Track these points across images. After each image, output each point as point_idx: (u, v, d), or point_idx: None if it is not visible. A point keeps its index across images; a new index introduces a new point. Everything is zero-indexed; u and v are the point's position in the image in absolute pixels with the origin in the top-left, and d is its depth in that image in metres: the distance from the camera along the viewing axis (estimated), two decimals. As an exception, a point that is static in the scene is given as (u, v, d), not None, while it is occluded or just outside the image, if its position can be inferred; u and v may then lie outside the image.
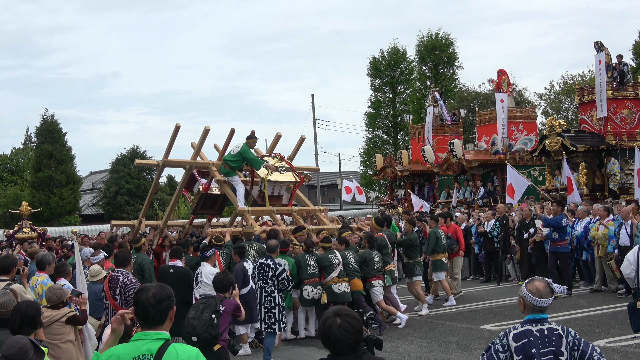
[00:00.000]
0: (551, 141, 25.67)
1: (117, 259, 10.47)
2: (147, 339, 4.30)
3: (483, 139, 32.25)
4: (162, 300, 4.36)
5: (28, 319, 6.31)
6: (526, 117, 31.91)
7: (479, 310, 15.38)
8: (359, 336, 4.14)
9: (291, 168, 16.81)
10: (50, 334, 8.43)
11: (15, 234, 26.60)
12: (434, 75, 49.82)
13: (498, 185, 28.96)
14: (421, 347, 11.99)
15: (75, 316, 8.63)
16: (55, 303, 8.55)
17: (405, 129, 49.80)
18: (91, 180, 70.28)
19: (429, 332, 13.29)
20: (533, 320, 5.13)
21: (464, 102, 47.90)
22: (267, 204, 16.14)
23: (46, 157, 51.71)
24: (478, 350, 11.15)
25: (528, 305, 5.16)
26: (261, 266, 11.87)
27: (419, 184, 34.82)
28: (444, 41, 49.76)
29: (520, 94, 50.86)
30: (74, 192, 53.34)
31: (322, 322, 4.24)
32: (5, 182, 59.14)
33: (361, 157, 54.00)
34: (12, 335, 6.08)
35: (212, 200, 17.85)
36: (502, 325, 13.21)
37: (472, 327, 13.48)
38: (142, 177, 58.07)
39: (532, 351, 4.98)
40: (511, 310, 14.97)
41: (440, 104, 34.68)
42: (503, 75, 32.18)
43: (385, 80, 52.79)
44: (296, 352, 12.34)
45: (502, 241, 19.67)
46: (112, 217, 55.61)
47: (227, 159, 15.88)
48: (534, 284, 5.18)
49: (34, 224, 29.01)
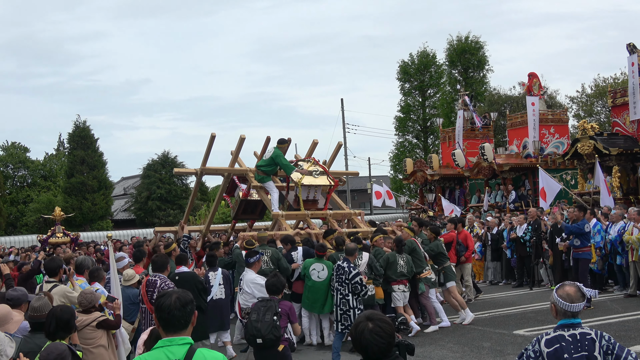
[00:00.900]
0: (583, 144, 25.45)
1: (154, 264, 10.54)
2: (172, 344, 4.27)
3: (514, 142, 32.07)
4: (186, 304, 4.34)
5: (63, 323, 6.39)
6: (558, 120, 31.68)
7: (512, 316, 15.27)
8: (391, 341, 4.14)
9: (325, 172, 16.88)
10: (82, 339, 8.47)
11: (49, 239, 26.92)
12: (464, 79, 49.60)
13: (530, 189, 28.77)
14: (453, 352, 11.95)
15: (107, 320, 8.66)
16: (86, 307, 8.61)
17: (435, 133, 49.65)
18: (123, 185, 70.93)
19: (461, 337, 13.23)
20: (565, 325, 5.09)
21: (495, 105, 47.60)
22: (302, 208, 16.25)
23: (78, 162, 52.29)
24: (511, 356, 11.09)
25: (560, 311, 5.12)
26: (338, 268, 11.99)
27: (450, 188, 34.69)
28: (473, 44, 49.54)
29: (552, 97, 50.46)
30: (106, 197, 53.87)
31: (353, 326, 4.25)
32: (38, 188, 59.85)
33: (391, 161, 53.94)
34: (47, 339, 6.18)
35: (252, 206, 18.21)
36: (535, 331, 13.12)
37: (504, 332, 13.39)
38: (172, 183, 58.46)
39: (565, 356, 4.93)
40: (544, 315, 14.85)
41: (470, 108, 34.54)
42: (534, 78, 31.96)
43: (415, 84, 52.67)
44: (327, 357, 12.34)
45: (534, 245, 19.51)
46: (143, 222, 56.13)
47: (260, 165, 16.20)
48: (565, 289, 5.14)
49: (67, 229, 29.34)
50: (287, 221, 16.56)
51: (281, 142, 16.56)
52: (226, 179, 18.01)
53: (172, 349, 4.26)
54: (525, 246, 19.89)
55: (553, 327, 5.17)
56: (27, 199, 58.60)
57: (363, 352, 4.16)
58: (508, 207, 27.87)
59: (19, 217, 57.53)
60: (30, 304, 7.08)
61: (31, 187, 60.81)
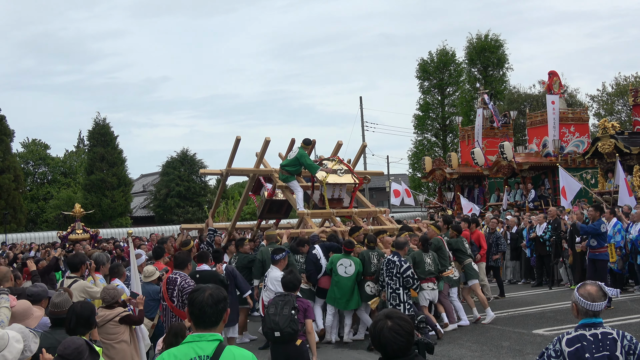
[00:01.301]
0: (604, 143, 25.29)
1: (176, 261, 10.59)
2: (202, 340, 4.27)
3: (534, 141, 31.89)
4: (219, 301, 4.33)
5: (83, 320, 6.42)
6: (578, 119, 31.48)
7: (531, 315, 15.21)
8: (410, 339, 4.14)
9: (350, 170, 16.98)
10: (105, 334, 8.55)
11: (69, 235, 27.05)
12: (484, 77, 49.38)
13: (549, 188, 28.62)
14: (472, 351, 11.91)
15: (130, 316, 8.73)
16: (109, 303, 8.69)
17: (454, 132, 49.48)
18: (142, 182, 71.19)
19: (480, 336, 13.18)
20: (587, 324, 5.06)
21: (514, 104, 47.39)
22: (327, 206, 16.36)
23: (98, 160, 52.53)
24: (530, 356, 11.04)
25: (581, 310, 5.10)
26: (388, 262, 12.04)
27: (469, 186, 34.58)
28: (493, 42, 49.30)
29: (572, 95, 50.18)
30: (125, 194, 54.10)
31: (372, 324, 4.25)
32: (58, 185, 60.23)
33: (410, 159, 53.82)
34: (68, 335, 6.21)
35: (277, 205, 18.43)
36: (554, 330, 13.06)
37: (523, 331, 13.34)
38: (191, 180, 58.64)
39: (586, 356, 4.92)
40: (563, 315, 14.78)
41: (489, 106, 34.39)
42: (554, 77, 31.77)
43: (434, 83, 52.53)
44: (346, 355, 12.35)
45: (554, 245, 19.40)
46: (162, 219, 56.34)
47: (285, 165, 16.38)
48: (586, 288, 5.12)
49: (86, 226, 29.47)
50: (313, 219, 16.68)
51: (306, 143, 16.87)
52: (251, 179, 18.40)
53: (201, 344, 4.26)
54: (545, 245, 19.77)
55: (572, 326, 5.15)
56: (47, 196, 58.97)
57: (382, 350, 4.17)
58: (527, 206, 27.74)
59: (39, 213, 57.91)
60: (50, 300, 7.13)
61: (51, 184, 61.19)
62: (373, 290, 13.27)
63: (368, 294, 13.27)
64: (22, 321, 6.39)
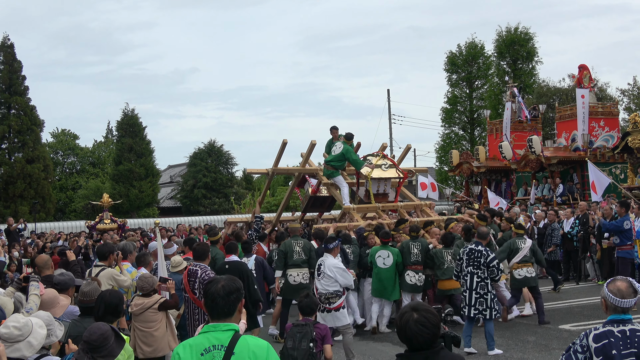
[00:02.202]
0: (634, 138, 25.00)
1: (195, 253, 10.57)
2: (217, 330, 4.35)
3: (563, 135, 31.63)
4: (231, 292, 4.40)
5: (111, 308, 6.47)
6: (608, 114, 31.16)
7: (557, 310, 15.10)
8: (436, 331, 4.13)
9: (394, 165, 17.32)
10: (144, 322, 8.63)
11: (97, 225, 27.30)
12: (513, 71, 49.06)
13: (578, 183, 28.36)
14: (497, 345, 11.81)
15: (167, 301, 8.82)
16: (147, 291, 8.78)
17: (482, 125, 49.25)
18: (169, 173, 71.58)
19: (506, 330, 13.11)
20: (615, 321, 5.02)
21: (543, 97, 47.00)
22: (373, 201, 16.73)
23: (126, 150, 52.94)
24: (556, 351, 10.97)
25: (610, 306, 5.05)
26: (471, 252, 11.93)
27: (496, 180, 34.37)
28: (523, 36, 48.95)
29: (602, 89, 49.64)
30: (153, 185, 54.46)
31: (399, 316, 4.25)
32: (87, 175, 60.81)
33: (437, 152, 53.65)
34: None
35: (320, 201, 19.02)
36: (581, 326, 12.97)
37: (550, 326, 13.25)
38: (218, 171, 58.87)
39: (613, 352, 4.87)
40: (590, 310, 14.68)
41: (518, 100, 34.14)
42: (584, 71, 31.45)
43: (463, 76, 52.30)
44: (371, 348, 12.34)
45: (581, 240, 19.24)
46: (189, 210, 56.66)
47: (329, 160, 16.72)
48: (616, 284, 5.07)
49: (114, 216, 29.72)
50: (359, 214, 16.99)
51: (349, 138, 17.12)
52: (297, 177, 19.36)
53: (216, 334, 4.34)
54: (573, 240, 19.60)
55: (600, 322, 5.10)
56: (75, 186, 59.58)
57: (408, 343, 4.16)
58: (555, 200, 27.52)
59: (67, 203, 58.53)
60: (80, 289, 7.20)
61: (80, 174, 61.81)
62: (413, 279, 13.54)
63: (408, 284, 13.54)
64: (48, 309, 6.47)
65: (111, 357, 5.37)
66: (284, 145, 18.01)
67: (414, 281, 13.55)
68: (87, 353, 5.30)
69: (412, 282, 13.55)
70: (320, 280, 11.03)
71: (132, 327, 8.76)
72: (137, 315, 8.68)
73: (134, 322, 8.73)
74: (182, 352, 4.36)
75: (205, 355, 4.28)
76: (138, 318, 8.68)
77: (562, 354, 5.20)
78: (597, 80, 45.90)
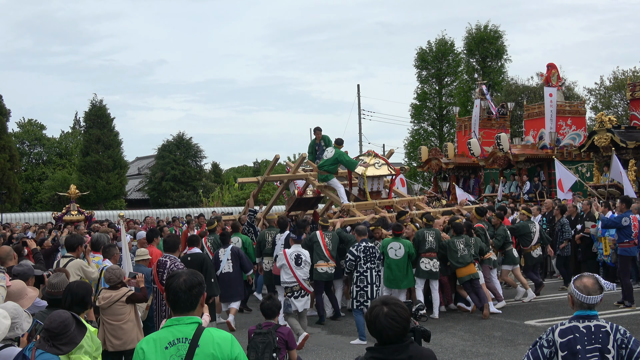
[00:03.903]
0: (600, 137, 25.29)
1: (166, 244, 10.63)
2: (180, 324, 4.37)
3: (530, 133, 31.89)
4: (193, 286, 4.41)
5: (78, 299, 6.39)
6: (575, 112, 31.49)
7: (523, 306, 15.27)
8: (406, 325, 4.17)
9: (386, 162, 18.25)
10: (112, 315, 8.58)
11: (63, 216, 27.01)
12: (482, 68, 49.32)
13: (544, 180, 28.64)
14: (464, 340, 11.97)
15: (135, 294, 8.77)
16: (115, 283, 8.71)
17: (451, 122, 49.46)
18: (137, 165, 71.16)
19: (472, 325, 13.25)
20: (581, 316, 5.10)
21: (512, 95, 47.32)
22: (369, 198, 17.55)
23: (94, 141, 52.50)
24: (522, 346, 11.09)
25: (576, 302, 5.13)
26: (366, 249, 12.70)
27: (464, 177, 34.54)
28: (492, 33, 49.18)
29: (569, 88, 50.09)
30: (121, 176, 54.10)
31: (369, 310, 4.28)
32: (53, 166, 60.17)
33: (405, 148, 53.78)
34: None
35: (305, 201, 19.82)
36: (546, 322, 13.13)
37: (516, 322, 13.41)
38: (187, 164, 58.66)
39: (577, 347, 4.95)
40: (555, 306, 14.87)
41: (487, 97, 34.36)
42: (553, 69, 31.73)
43: (432, 72, 52.44)
44: (339, 342, 12.41)
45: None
46: (156, 203, 56.43)
47: (323, 164, 17.55)
48: (582, 281, 5.14)
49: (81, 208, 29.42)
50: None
51: (339, 143, 17.80)
52: (285, 184, 20.22)
53: (179, 327, 4.36)
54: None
55: (565, 318, 5.17)
56: (42, 176, 58.95)
57: (378, 336, 4.19)
58: (522, 197, 27.77)
59: (33, 194, 57.92)
60: (47, 280, 7.14)
61: (46, 165, 61.15)
62: (428, 266, 14.05)
63: (424, 270, 14.07)
64: (16, 301, 6.39)
65: (72, 345, 5.31)
66: (276, 160, 20.17)
67: (429, 267, 14.07)
68: (48, 341, 5.25)
69: (427, 269, 14.08)
70: (303, 269, 12.40)
71: (101, 320, 8.71)
72: (105, 309, 8.62)
73: (102, 315, 8.67)
74: (145, 346, 4.37)
75: (169, 349, 4.29)
76: (106, 311, 8.63)
77: (528, 348, 5.27)
78: (564, 79, 46.34)
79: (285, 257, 12.45)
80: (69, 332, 5.30)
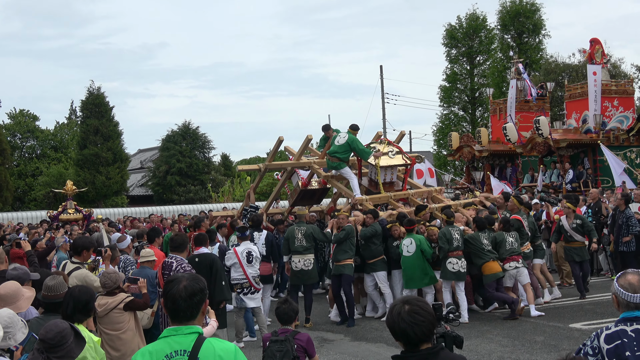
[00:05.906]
0: (651, 118, 25.14)
1: (172, 243, 10.52)
2: (178, 334, 4.35)
3: (573, 116, 31.71)
4: (194, 294, 4.39)
5: (81, 305, 6.40)
6: (622, 92, 31.27)
7: (568, 307, 15.23)
8: (432, 321, 4.18)
9: (400, 151, 17.97)
10: (109, 324, 8.50)
11: (59, 215, 27.16)
12: (518, 45, 49.08)
13: (589, 168, 28.49)
14: (502, 346, 11.96)
15: (134, 301, 8.70)
16: (111, 289, 8.63)
17: (484, 105, 49.33)
18: (139, 158, 71.17)
19: (512, 330, 13.23)
20: (628, 319, 4.96)
21: (552, 74, 47.09)
22: (382, 190, 17.37)
23: (92, 133, 52.55)
24: (566, 352, 11.03)
25: (622, 303, 5.00)
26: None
27: (500, 165, 34.42)
28: (529, 7, 48.98)
29: (616, 66, 49.75)
30: (122, 171, 54.12)
31: (389, 312, 4.29)
32: (48, 160, 60.39)
33: (434, 135, 53.70)
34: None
35: (310, 194, 19.63)
36: (593, 324, 13.10)
37: (559, 325, 13.38)
38: (194, 156, 58.67)
39: (626, 354, 4.82)
40: (604, 307, 14.80)
41: (524, 77, 34.21)
42: (596, 45, 31.49)
43: (463, 51, 52.30)
44: (363, 349, 12.44)
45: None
46: (161, 199, 56.53)
47: (334, 151, 17.05)
48: (627, 278, 5.01)
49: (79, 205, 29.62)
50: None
51: (354, 128, 17.47)
52: (289, 172, 20.12)
53: (177, 338, 4.34)
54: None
55: (613, 320, 5.09)
56: (36, 172, 59.24)
57: (403, 337, 4.18)
58: (565, 187, 27.65)
59: (27, 191, 58.20)
60: (44, 283, 7.04)
61: (40, 159, 61.43)
62: (456, 267, 14.14)
63: (451, 272, 14.16)
64: (12, 304, 6.30)
65: (69, 358, 5.28)
66: (279, 143, 19.29)
67: (456, 268, 14.17)
68: (43, 353, 5.19)
69: (454, 270, 14.18)
70: (254, 265, 13.00)
71: (98, 330, 8.57)
72: (102, 317, 8.54)
73: (99, 324, 8.57)
74: (141, 359, 4.37)
75: None
76: (103, 320, 8.55)
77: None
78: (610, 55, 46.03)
79: (236, 254, 13.08)
80: (66, 344, 5.26)
